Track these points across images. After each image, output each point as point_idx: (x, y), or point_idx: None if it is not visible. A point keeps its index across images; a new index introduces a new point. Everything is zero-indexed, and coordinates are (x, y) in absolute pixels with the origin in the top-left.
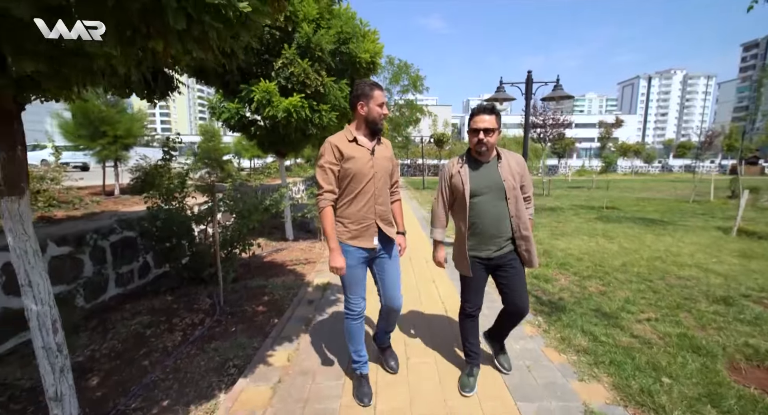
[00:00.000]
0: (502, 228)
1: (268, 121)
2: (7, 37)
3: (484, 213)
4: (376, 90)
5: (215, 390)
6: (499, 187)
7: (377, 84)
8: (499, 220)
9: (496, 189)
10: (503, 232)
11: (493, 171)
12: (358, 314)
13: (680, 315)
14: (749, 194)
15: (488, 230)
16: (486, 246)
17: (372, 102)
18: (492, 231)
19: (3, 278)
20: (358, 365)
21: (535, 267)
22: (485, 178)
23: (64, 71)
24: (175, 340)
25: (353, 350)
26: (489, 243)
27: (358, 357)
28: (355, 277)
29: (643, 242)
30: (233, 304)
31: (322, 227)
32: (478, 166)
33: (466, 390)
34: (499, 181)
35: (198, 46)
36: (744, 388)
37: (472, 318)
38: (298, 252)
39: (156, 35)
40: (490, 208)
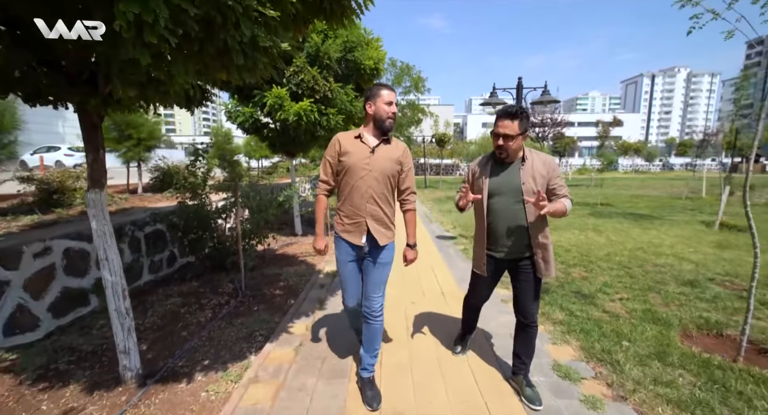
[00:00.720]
0: (517, 231)
1: (279, 124)
2: (117, 72)
3: (500, 214)
4: (383, 89)
5: (246, 353)
6: (516, 189)
7: (387, 85)
8: (514, 222)
9: (513, 191)
10: (518, 235)
11: (514, 173)
12: (351, 309)
13: (649, 295)
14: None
15: (502, 232)
16: (499, 247)
17: (379, 101)
18: (506, 233)
19: (64, 261)
20: (357, 333)
21: (551, 277)
22: (504, 179)
23: (149, 94)
24: (206, 316)
25: (354, 327)
26: (502, 244)
27: (355, 330)
28: (346, 272)
29: (630, 235)
30: (253, 288)
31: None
32: (501, 168)
33: (458, 350)
34: (517, 183)
35: (249, 75)
36: (689, 348)
37: (474, 310)
38: (307, 246)
39: (222, 69)
40: (506, 209)
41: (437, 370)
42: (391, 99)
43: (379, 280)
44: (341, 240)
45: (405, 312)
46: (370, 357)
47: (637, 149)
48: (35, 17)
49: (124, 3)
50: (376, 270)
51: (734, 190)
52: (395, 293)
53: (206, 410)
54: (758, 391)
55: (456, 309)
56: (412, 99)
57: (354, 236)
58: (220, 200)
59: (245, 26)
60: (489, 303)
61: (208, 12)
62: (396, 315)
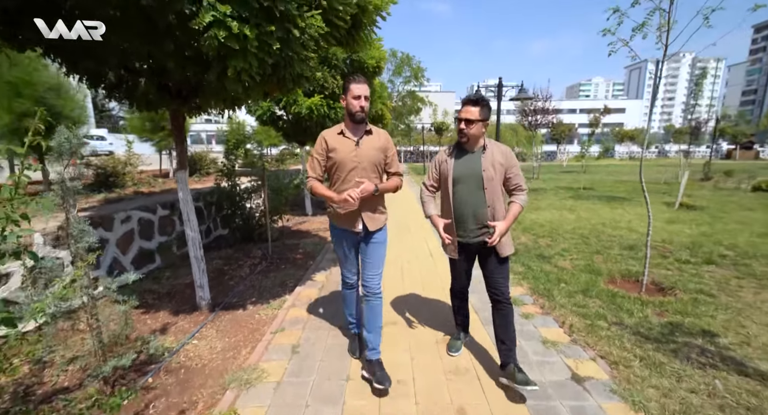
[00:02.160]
0: (480, 216)
1: (292, 116)
2: (204, 91)
3: (463, 200)
4: (352, 83)
5: (282, 293)
6: (477, 176)
7: (356, 77)
8: (476, 207)
9: (475, 178)
10: (480, 219)
11: (476, 160)
12: (350, 285)
13: (594, 256)
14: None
15: (467, 217)
16: (465, 232)
17: (349, 95)
18: (470, 218)
19: (139, 227)
20: (352, 326)
21: (505, 254)
22: (467, 167)
23: (224, 105)
24: (245, 272)
25: (347, 313)
26: (467, 229)
27: (351, 319)
28: (343, 254)
29: (598, 213)
30: (278, 254)
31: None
32: (463, 155)
33: (453, 351)
34: (478, 170)
35: (294, 88)
36: (607, 288)
37: (459, 297)
38: (318, 224)
39: (278, 90)
40: (469, 195)
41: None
42: (360, 92)
43: (377, 259)
44: (336, 228)
45: (402, 268)
46: (375, 336)
47: (632, 136)
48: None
49: (234, 60)
50: (373, 250)
51: (711, 176)
52: (394, 254)
53: (260, 324)
54: (640, 308)
55: (440, 267)
56: (412, 89)
57: (348, 224)
58: (246, 183)
59: (297, 66)
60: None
61: (277, 60)
62: (394, 269)
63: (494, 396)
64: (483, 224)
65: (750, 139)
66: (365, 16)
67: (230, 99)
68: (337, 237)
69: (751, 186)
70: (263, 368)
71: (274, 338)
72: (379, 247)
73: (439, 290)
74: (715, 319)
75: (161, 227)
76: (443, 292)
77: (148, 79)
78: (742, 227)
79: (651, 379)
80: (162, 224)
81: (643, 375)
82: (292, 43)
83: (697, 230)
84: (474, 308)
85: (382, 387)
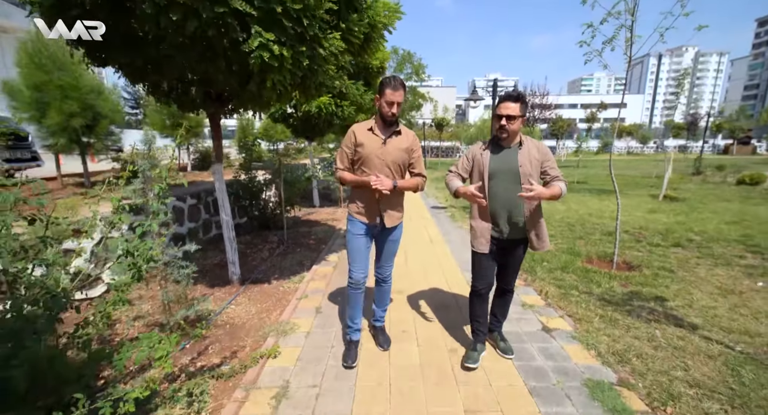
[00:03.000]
0: (515, 211)
1: (302, 114)
2: (242, 98)
3: (499, 195)
4: (387, 88)
5: (300, 271)
6: (514, 171)
7: (393, 81)
8: (511, 203)
9: (511, 173)
10: (516, 215)
11: (513, 156)
12: (357, 283)
13: (577, 241)
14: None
15: (501, 212)
16: (498, 227)
17: (383, 99)
18: (505, 213)
19: (172, 214)
20: (350, 331)
21: (545, 249)
22: (503, 162)
23: (257, 108)
24: (265, 255)
25: (349, 316)
26: (501, 224)
27: (351, 323)
28: (357, 246)
29: (587, 204)
30: (293, 240)
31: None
32: (500, 151)
33: (470, 362)
34: (515, 166)
35: (315, 95)
36: (585, 265)
37: (481, 297)
38: (325, 214)
39: (303, 97)
40: (505, 191)
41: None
42: (394, 100)
43: (391, 252)
44: (355, 219)
45: (405, 252)
46: (381, 311)
47: (630, 132)
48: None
49: (273, 74)
50: (388, 244)
51: (702, 170)
52: None
53: (285, 294)
54: (608, 280)
55: (438, 251)
56: (413, 85)
57: (367, 217)
58: (261, 176)
59: (320, 76)
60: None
61: (305, 73)
62: (399, 253)
63: None
64: (520, 220)
65: (747, 134)
66: (375, 32)
67: (264, 104)
68: (354, 230)
69: (736, 180)
70: (294, 323)
71: (300, 302)
72: (394, 243)
73: (437, 270)
74: (669, 288)
75: (190, 215)
76: (440, 270)
77: (198, 88)
78: (715, 216)
79: (605, 330)
80: (191, 212)
81: (599, 327)
82: (317, 59)
83: (674, 219)
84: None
85: (382, 349)
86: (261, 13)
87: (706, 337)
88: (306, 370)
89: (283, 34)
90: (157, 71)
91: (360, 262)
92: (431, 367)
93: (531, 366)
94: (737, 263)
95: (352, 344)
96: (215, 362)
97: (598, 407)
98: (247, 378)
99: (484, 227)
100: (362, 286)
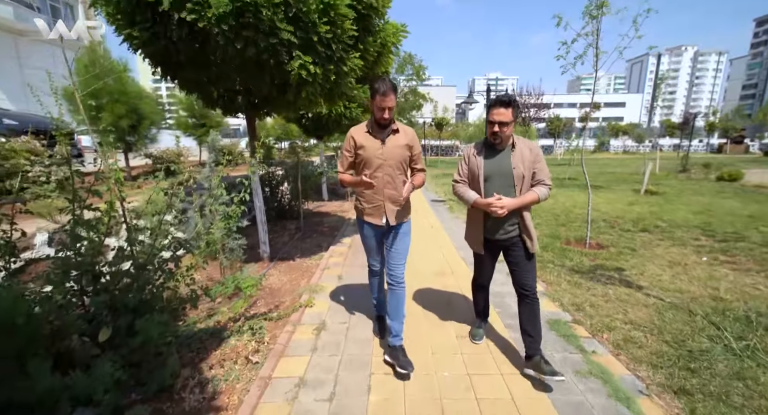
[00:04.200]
0: (512, 213)
1: (313, 115)
2: (277, 104)
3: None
4: (377, 95)
5: (319, 250)
6: (508, 174)
7: (381, 88)
8: None
9: (505, 175)
10: (510, 216)
11: (506, 159)
12: (375, 272)
13: (560, 228)
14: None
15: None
16: (494, 228)
17: (374, 103)
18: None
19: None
20: (377, 308)
21: (532, 252)
22: (497, 165)
23: (290, 111)
24: (286, 239)
25: (373, 296)
26: (497, 225)
27: (376, 302)
28: (371, 244)
29: (574, 198)
30: (309, 227)
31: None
32: (493, 153)
33: (476, 339)
34: (509, 168)
35: (337, 102)
36: (564, 246)
37: (482, 288)
38: (334, 207)
39: (328, 104)
40: (500, 193)
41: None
42: (384, 105)
43: (402, 249)
44: (363, 222)
45: None
46: (398, 324)
47: (625, 131)
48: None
49: (307, 87)
50: (398, 241)
51: (689, 168)
52: None
53: (310, 268)
54: (579, 256)
55: (439, 236)
56: (414, 85)
57: (375, 218)
58: (278, 171)
59: (342, 88)
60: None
61: (331, 86)
62: None
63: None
64: (514, 221)
65: (740, 133)
66: (385, 49)
67: (296, 109)
68: (362, 229)
69: (716, 176)
70: (322, 285)
71: (324, 272)
72: (403, 238)
73: (437, 253)
74: (628, 262)
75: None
76: (440, 253)
77: (243, 97)
78: (685, 207)
79: (570, 290)
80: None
81: (565, 288)
82: (341, 75)
83: (648, 209)
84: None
85: (404, 372)
86: (301, 41)
87: (647, 294)
88: (337, 313)
89: (317, 56)
90: (213, 84)
91: (375, 254)
92: (430, 311)
93: (507, 313)
94: (691, 243)
95: (377, 318)
96: (264, 311)
97: (554, 334)
98: (292, 319)
99: (476, 230)
100: (381, 272)
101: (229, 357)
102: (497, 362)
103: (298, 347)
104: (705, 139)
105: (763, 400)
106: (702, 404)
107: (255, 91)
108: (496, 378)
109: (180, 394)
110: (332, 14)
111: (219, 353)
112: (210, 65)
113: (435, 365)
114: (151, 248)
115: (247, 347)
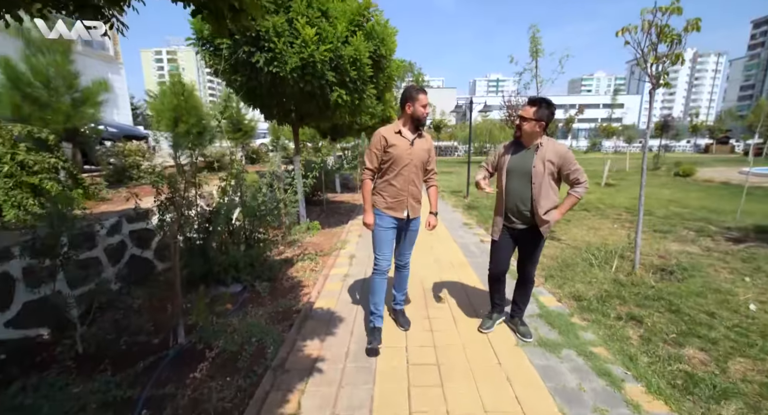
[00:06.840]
0: (526, 206)
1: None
2: (316, 118)
3: (513, 191)
4: (421, 94)
5: (341, 224)
6: (527, 171)
7: (422, 89)
8: (523, 198)
9: (525, 172)
10: (526, 209)
11: (529, 157)
12: (382, 270)
13: None
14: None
15: (515, 205)
16: (513, 218)
17: (417, 103)
18: (518, 206)
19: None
20: (373, 317)
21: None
22: (520, 162)
23: (324, 123)
24: (314, 217)
25: (372, 302)
26: (515, 216)
27: (375, 310)
28: (384, 237)
29: None
30: (329, 210)
31: (362, 193)
32: (519, 150)
33: (484, 328)
34: (529, 166)
35: (360, 117)
36: None
37: (498, 280)
38: (347, 198)
39: (352, 117)
40: (518, 187)
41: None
42: (427, 102)
43: (412, 241)
44: (384, 214)
45: None
46: (401, 295)
47: (613, 132)
48: None
49: (341, 109)
50: (410, 234)
51: (660, 166)
52: None
53: (336, 233)
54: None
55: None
56: None
57: (397, 212)
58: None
59: (363, 107)
60: None
61: (356, 107)
62: None
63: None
64: (527, 214)
65: (726, 134)
66: (390, 80)
67: (330, 121)
68: (383, 224)
69: (674, 172)
70: (348, 240)
71: (347, 234)
72: (414, 233)
73: (442, 233)
74: (561, 229)
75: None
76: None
77: (296, 113)
78: (627, 195)
79: None
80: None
81: None
82: (362, 99)
83: (597, 197)
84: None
85: (403, 329)
86: (338, 80)
87: (564, 244)
88: (361, 251)
89: (347, 90)
90: (276, 106)
91: (386, 252)
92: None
93: (468, 249)
94: (613, 217)
95: (376, 331)
96: (313, 252)
97: None
98: (333, 254)
99: (498, 218)
100: (387, 273)
101: (300, 270)
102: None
103: (341, 265)
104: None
105: (589, 278)
106: (559, 279)
107: (303, 111)
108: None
109: (281, 282)
110: (358, 64)
111: (293, 269)
112: (279, 96)
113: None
114: (263, 203)
115: (309, 265)
